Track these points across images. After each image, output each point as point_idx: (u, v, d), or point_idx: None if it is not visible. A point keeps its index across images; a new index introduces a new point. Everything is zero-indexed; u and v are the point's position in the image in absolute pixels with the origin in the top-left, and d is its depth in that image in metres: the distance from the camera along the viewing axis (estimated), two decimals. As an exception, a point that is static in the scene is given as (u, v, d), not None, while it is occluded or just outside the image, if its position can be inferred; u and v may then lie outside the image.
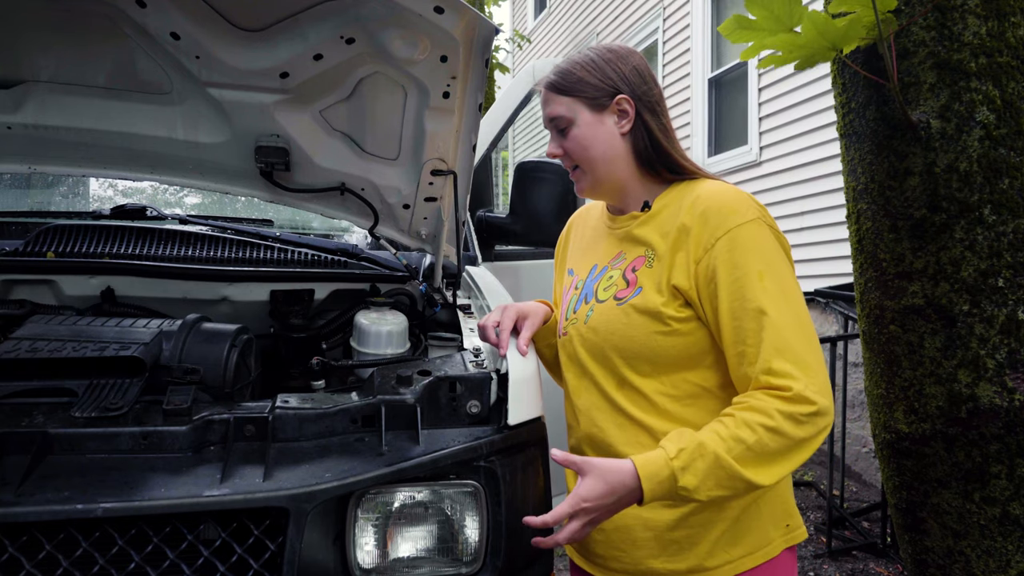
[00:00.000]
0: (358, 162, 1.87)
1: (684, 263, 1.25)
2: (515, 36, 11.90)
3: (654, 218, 1.34)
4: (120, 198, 2.77)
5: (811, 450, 1.17)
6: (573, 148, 1.36)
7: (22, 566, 1.08)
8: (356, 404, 1.32)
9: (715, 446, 1.14)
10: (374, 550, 1.25)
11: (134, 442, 1.22)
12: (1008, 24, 1.62)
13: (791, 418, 1.14)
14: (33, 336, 1.47)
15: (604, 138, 1.34)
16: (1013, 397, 1.58)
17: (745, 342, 1.20)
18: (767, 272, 1.21)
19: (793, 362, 1.16)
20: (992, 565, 1.63)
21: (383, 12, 1.45)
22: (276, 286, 1.96)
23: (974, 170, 1.61)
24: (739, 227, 1.23)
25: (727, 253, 1.22)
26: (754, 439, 1.14)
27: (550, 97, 1.36)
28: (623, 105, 1.33)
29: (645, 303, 1.27)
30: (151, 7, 1.53)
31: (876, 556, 3.61)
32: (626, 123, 1.34)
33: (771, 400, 1.16)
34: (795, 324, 1.19)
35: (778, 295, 1.20)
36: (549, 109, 1.37)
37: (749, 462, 1.14)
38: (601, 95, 1.33)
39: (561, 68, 1.37)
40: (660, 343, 1.26)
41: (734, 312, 1.21)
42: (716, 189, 1.29)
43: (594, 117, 1.34)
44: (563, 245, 1.60)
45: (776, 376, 1.16)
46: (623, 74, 1.34)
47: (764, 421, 1.14)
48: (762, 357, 1.18)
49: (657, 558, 1.29)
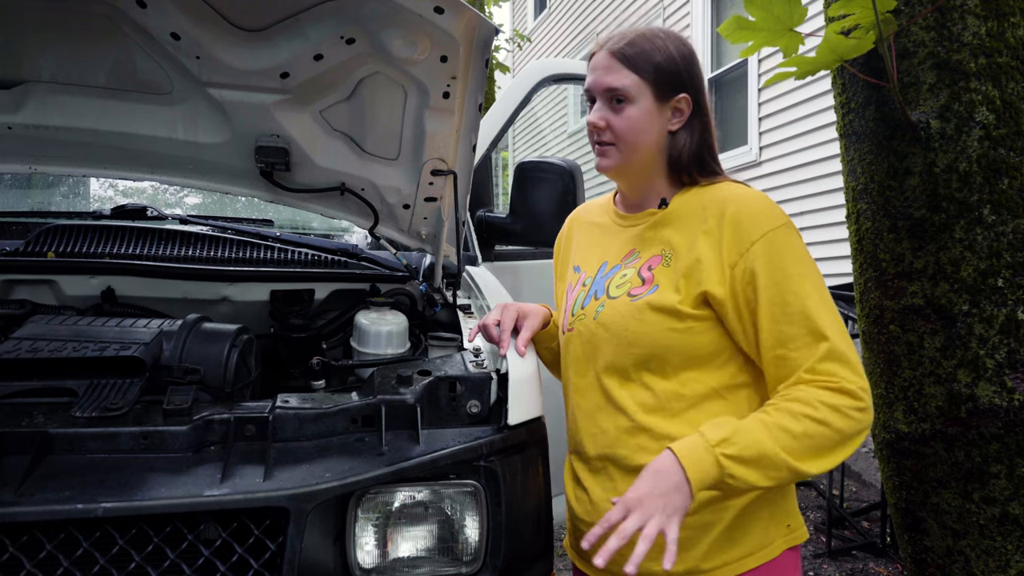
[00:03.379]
0: (358, 162, 1.87)
1: (716, 268, 1.25)
2: (515, 36, 11.89)
3: (673, 218, 1.33)
4: (120, 198, 2.77)
5: (854, 446, 1.17)
6: (622, 126, 1.31)
7: (23, 566, 1.08)
8: (356, 404, 1.32)
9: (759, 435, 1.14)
10: (374, 550, 1.25)
11: (134, 442, 1.22)
12: (1008, 24, 1.62)
13: (836, 410, 1.15)
14: (33, 336, 1.47)
15: (655, 129, 1.32)
16: (1013, 397, 1.58)
17: (787, 346, 1.20)
18: (805, 276, 1.22)
19: (839, 362, 1.18)
20: (992, 565, 1.63)
21: (383, 12, 1.45)
22: (276, 286, 1.96)
23: (974, 170, 1.61)
24: (774, 231, 1.23)
25: (765, 256, 1.22)
26: (800, 429, 1.14)
27: (615, 66, 1.30)
28: (682, 104, 1.32)
29: (661, 301, 1.27)
30: (151, 7, 1.53)
31: (876, 556, 3.61)
32: (677, 122, 1.32)
33: (814, 390, 1.16)
34: (836, 327, 1.20)
35: (818, 299, 1.21)
36: (612, 78, 1.29)
37: (794, 452, 1.14)
38: (668, 88, 1.30)
39: (633, 40, 1.30)
40: (674, 341, 1.26)
41: (774, 316, 1.21)
42: (741, 193, 1.29)
43: (655, 106, 1.30)
44: (563, 244, 1.59)
45: (820, 374, 1.17)
46: (692, 73, 1.32)
47: (808, 412, 1.15)
48: (804, 360, 1.18)
49: (655, 560, 1.28)
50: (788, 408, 1.16)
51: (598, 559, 1.08)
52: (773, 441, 1.14)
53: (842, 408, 1.15)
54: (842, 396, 1.16)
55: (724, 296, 1.24)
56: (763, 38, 1.60)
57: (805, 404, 1.16)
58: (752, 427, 1.16)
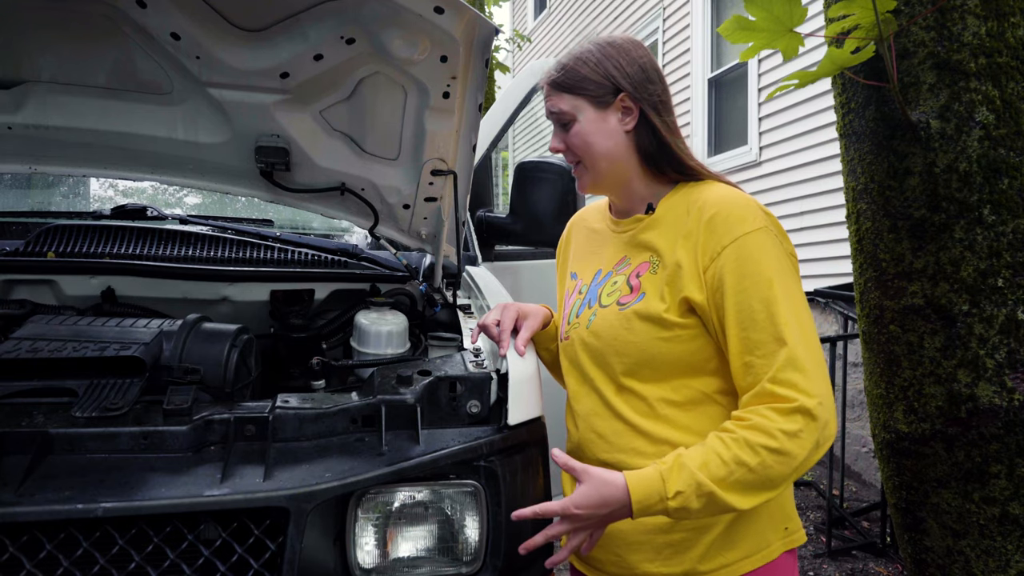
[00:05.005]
0: (358, 162, 1.87)
1: (694, 273, 1.24)
2: (515, 36, 11.90)
3: (659, 222, 1.33)
4: (120, 198, 2.77)
5: (811, 463, 1.16)
6: (575, 143, 1.35)
7: (23, 566, 1.09)
8: (356, 404, 1.32)
9: (708, 477, 1.13)
10: (374, 550, 1.25)
11: (134, 442, 1.22)
12: (1008, 24, 1.62)
13: (794, 437, 1.13)
14: (34, 336, 1.47)
15: (607, 135, 1.33)
16: (1012, 397, 1.58)
17: (753, 352, 1.19)
18: (774, 282, 1.20)
19: (798, 370, 1.16)
20: (992, 565, 1.63)
21: (383, 12, 1.45)
22: (276, 286, 1.96)
23: (974, 170, 1.61)
24: (746, 235, 1.22)
25: (734, 262, 1.21)
26: (756, 461, 1.13)
27: (552, 94, 1.36)
28: (626, 103, 1.32)
29: (647, 309, 1.27)
30: (151, 7, 1.53)
31: (876, 556, 3.61)
32: (630, 120, 1.33)
33: (775, 417, 1.15)
34: (800, 336, 1.18)
35: (785, 304, 1.19)
36: (551, 104, 1.36)
37: (743, 487, 1.14)
38: (603, 93, 1.32)
39: (563, 64, 1.36)
40: (662, 349, 1.26)
41: (741, 322, 1.20)
42: (722, 195, 1.28)
43: (597, 114, 1.33)
44: (564, 248, 1.59)
45: (781, 386, 1.16)
46: (626, 72, 1.32)
47: (767, 443, 1.13)
48: (768, 368, 1.17)
49: (652, 562, 1.28)
50: (748, 440, 1.14)
51: (521, 548, 1.22)
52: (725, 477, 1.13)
53: (798, 433, 1.13)
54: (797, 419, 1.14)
55: (703, 301, 1.24)
56: (763, 39, 1.60)
57: (764, 434, 1.14)
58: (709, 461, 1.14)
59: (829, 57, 1.57)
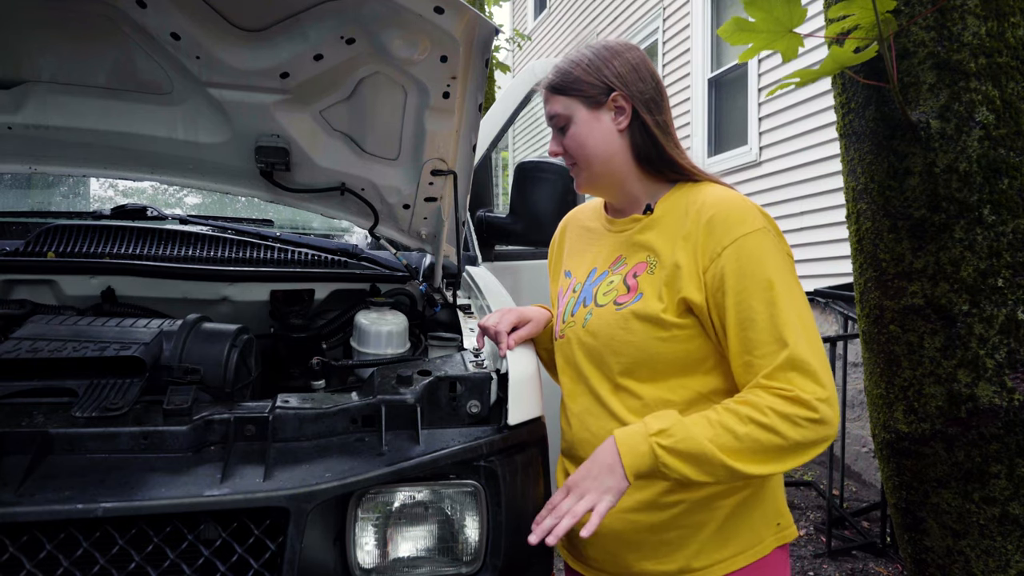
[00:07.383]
0: (358, 162, 1.87)
1: (693, 273, 1.25)
2: (515, 36, 11.90)
3: (657, 222, 1.34)
4: (120, 198, 2.77)
5: (807, 455, 1.17)
6: (571, 145, 1.37)
7: (23, 566, 1.09)
8: (356, 404, 1.32)
9: (700, 430, 1.16)
10: (374, 550, 1.25)
11: (134, 442, 1.22)
12: (1008, 24, 1.62)
13: (786, 418, 1.15)
14: (34, 336, 1.47)
15: (600, 135, 1.34)
16: (1012, 397, 1.58)
17: (752, 352, 1.20)
18: (774, 282, 1.21)
19: (798, 370, 1.17)
20: (992, 565, 1.63)
21: (383, 12, 1.45)
22: (276, 286, 1.96)
23: (974, 170, 1.61)
24: (745, 236, 1.23)
25: (734, 263, 1.22)
26: (744, 431, 1.15)
27: (549, 98, 1.39)
28: (619, 102, 1.33)
29: (645, 309, 1.27)
30: (151, 7, 1.53)
31: (876, 556, 3.61)
32: (623, 120, 1.34)
33: (768, 397, 1.16)
34: (803, 336, 1.19)
35: (786, 304, 1.20)
36: (548, 109, 1.39)
37: (734, 453, 1.15)
38: (597, 93, 1.34)
39: (559, 68, 1.38)
40: (659, 349, 1.26)
41: (741, 323, 1.21)
42: (721, 196, 1.28)
43: (590, 115, 1.34)
44: (557, 246, 1.59)
45: (778, 380, 1.17)
46: (618, 71, 1.34)
47: (756, 416, 1.15)
48: (769, 367, 1.18)
49: (648, 560, 1.29)
50: (736, 410, 1.17)
51: (532, 537, 1.16)
52: (713, 439, 1.15)
53: (793, 417, 1.15)
54: (794, 405, 1.15)
55: (701, 302, 1.24)
56: (763, 40, 1.60)
57: (754, 408, 1.16)
58: (695, 423, 1.17)
59: (832, 56, 1.58)
